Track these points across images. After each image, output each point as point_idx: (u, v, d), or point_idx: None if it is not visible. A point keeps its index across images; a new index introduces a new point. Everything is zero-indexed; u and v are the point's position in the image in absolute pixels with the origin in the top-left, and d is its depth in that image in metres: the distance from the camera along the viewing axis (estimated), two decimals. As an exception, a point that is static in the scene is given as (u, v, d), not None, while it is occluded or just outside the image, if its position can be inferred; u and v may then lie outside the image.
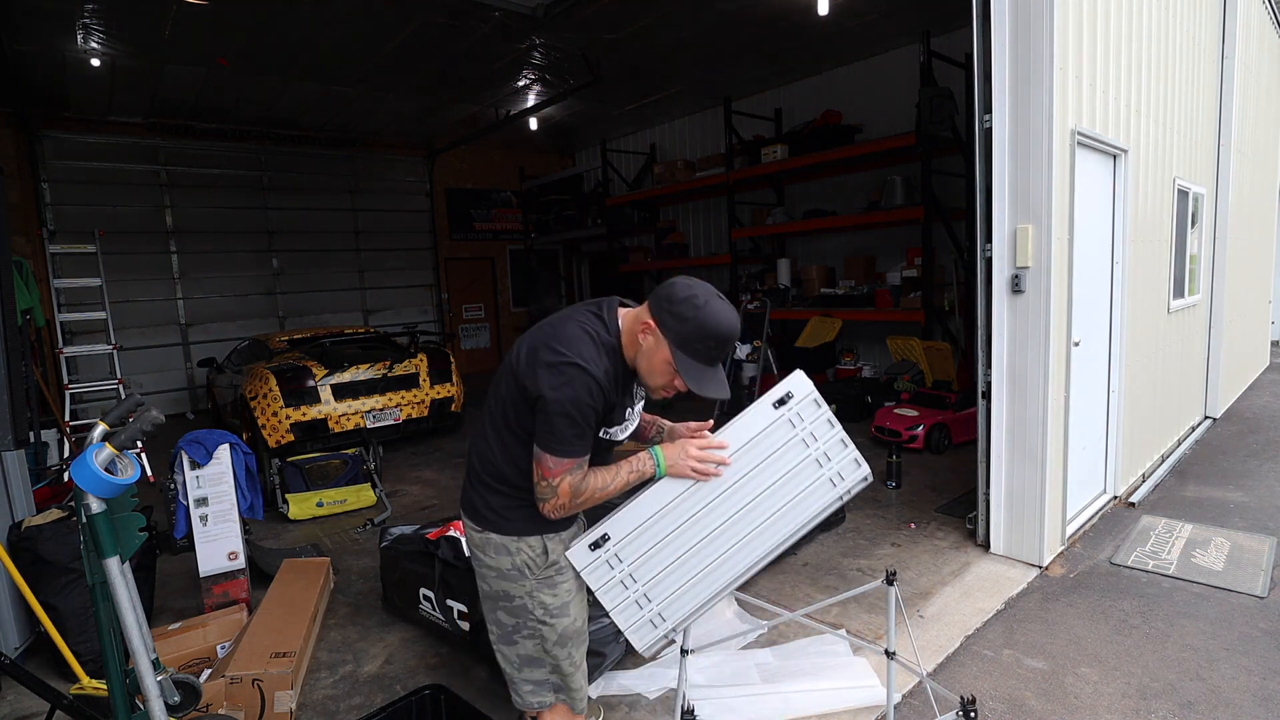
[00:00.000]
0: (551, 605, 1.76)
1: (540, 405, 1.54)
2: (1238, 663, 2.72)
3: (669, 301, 1.55)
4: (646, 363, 1.62)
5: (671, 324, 1.54)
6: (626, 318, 1.67)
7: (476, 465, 1.76)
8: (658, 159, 11.07)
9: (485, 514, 1.73)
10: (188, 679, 2.03)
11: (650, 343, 1.59)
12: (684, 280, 1.59)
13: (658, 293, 1.59)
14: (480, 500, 1.74)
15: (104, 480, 1.63)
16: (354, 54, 7.19)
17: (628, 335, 1.64)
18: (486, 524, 1.74)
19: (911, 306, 7.22)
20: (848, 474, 1.82)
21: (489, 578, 1.78)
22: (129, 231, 9.23)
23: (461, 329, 12.67)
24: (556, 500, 1.60)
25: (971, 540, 3.95)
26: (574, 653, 1.82)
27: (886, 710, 2.21)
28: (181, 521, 3.41)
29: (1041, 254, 3.42)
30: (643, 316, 1.60)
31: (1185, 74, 5.30)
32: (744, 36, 7.25)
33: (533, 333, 1.68)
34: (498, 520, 1.72)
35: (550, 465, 1.56)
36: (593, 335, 1.60)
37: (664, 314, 1.55)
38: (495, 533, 1.73)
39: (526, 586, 1.74)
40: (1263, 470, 5.01)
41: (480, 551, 1.77)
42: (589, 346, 1.57)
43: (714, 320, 1.54)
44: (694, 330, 1.53)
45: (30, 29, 6.15)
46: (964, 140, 6.47)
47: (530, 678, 1.82)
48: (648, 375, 1.64)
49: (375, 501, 5.19)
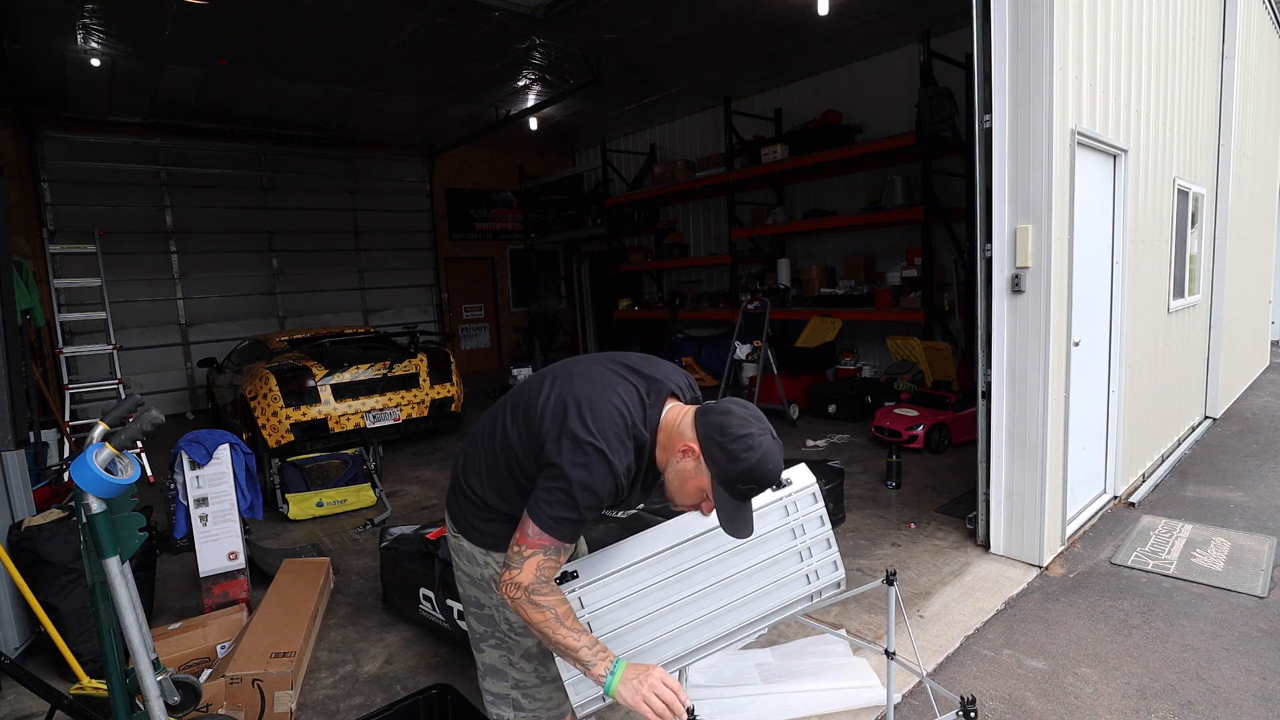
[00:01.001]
0: (516, 623, 1.68)
1: (550, 471, 1.43)
2: (1238, 663, 2.72)
3: (721, 434, 1.42)
4: (679, 482, 1.50)
5: (720, 459, 1.42)
6: (670, 417, 1.52)
7: (460, 476, 1.70)
8: (658, 159, 11.08)
9: (461, 520, 1.70)
10: (188, 679, 2.03)
11: (689, 466, 1.47)
12: (739, 413, 1.44)
13: (710, 419, 1.44)
14: (458, 506, 1.71)
15: (104, 480, 1.63)
16: (354, 54, 7.19)
17: (665, 438, 1.51)
18: (462, 530, 1.70)
19: (911, 306, 7.22)
20: (824, 574, 1.83)
21: (463, 581, 1.75)
22: (129, 231, 9.24)
23: (461, 329, 12.68)
24: (519, 574, 1.43)
25: (971, 540, 3.95)
26: (542, 669, 1.73)
27: (886, 710, 2.21)
28: (181, 521, 3.41)
29: (1041, 254, 3.42)
30: (687, 435, 1.46)
31: (1185, 74, 5.30)
32: (744, 36, 7.25)
33: (566, 383, 1.54)
34: (470, 529, 1.68)
35: (530, 534, 1.43)
36: (626, 424, 1.46)
37: (713, 446, 1.42)
38: (468, 540, 1.68)
39: (495, 599, 1.68)
40: (1263, 470, 5.01)
41: (456, 555, 1.75)
42: (617, 437, 1.45)
43: (764, 467, 1.41)
44: (742, 474, 1.41)
45: (30, 29, 6.15)
46: (964, 140, 6.47)
47: (492, 688, 1.76)
48: (676, 493, 1.53)
49: (375, 501, 5.19)
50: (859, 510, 4.53)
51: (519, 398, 1.62)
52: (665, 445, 1.50)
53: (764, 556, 1.78)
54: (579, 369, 1.58)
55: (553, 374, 1.60)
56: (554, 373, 1.60)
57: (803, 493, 1.78)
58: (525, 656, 1.72)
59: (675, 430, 1.49)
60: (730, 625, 1.78)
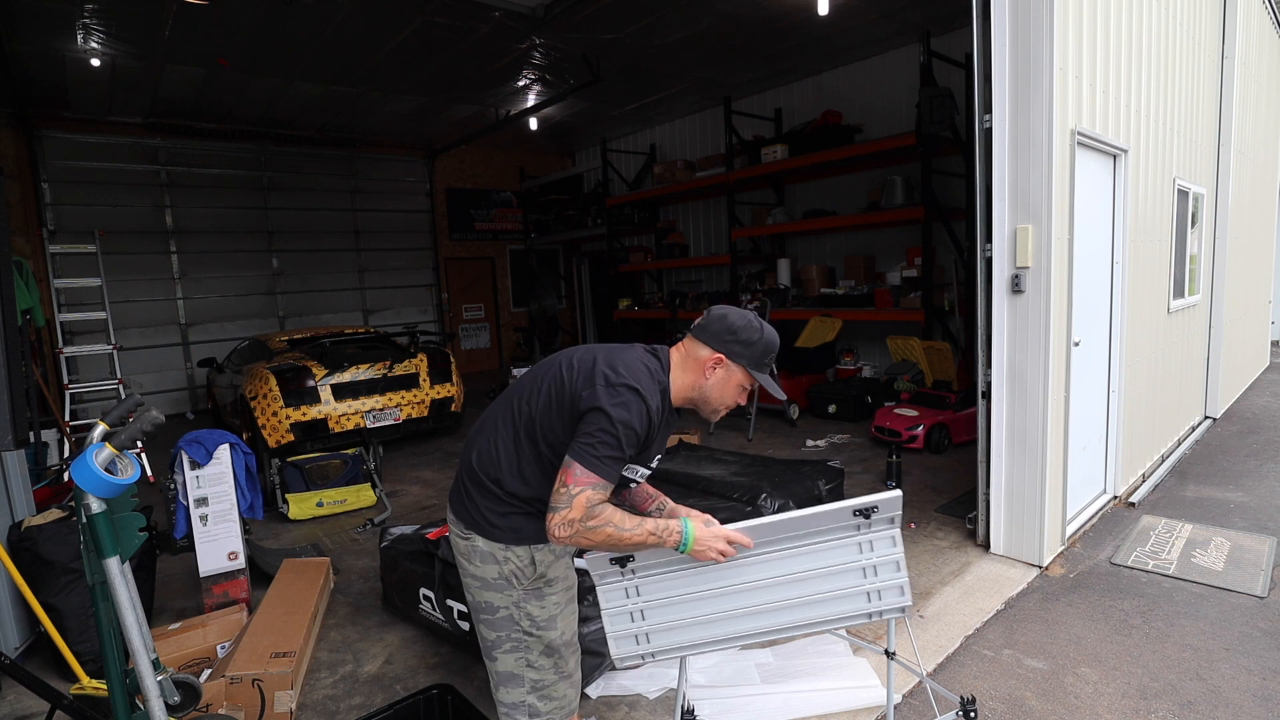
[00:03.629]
0: (539, 617, 1.72)
1: (590, 417, 1.55)
2: (1238, 663, 2.72)
3: (731, 333, 1.69)
4: (720, 390, 1.73)
5: (742, 351, 1.69)
6: (676, 357, 1.75)
7: (475, 466, 1.72)
8: (658, 159, 11.07)
9: (475, 517, 1.70)
10: (188, 679, 2.03)
11: (722, 374, 1.71)
12: (733, 311, 1.73)
13: (710, 328, 1.70)
14: (471, 503, 1.71)
15: (104, 480, 1.63)
16: (354, 54, 7.19)
17: (682, 372, 1.73)
18: (475, 528, 1.70)
19: (911, 306, 7.22)
20: (887, 596, 1.79)
21: (473, 588, 1.74)
22: (129, 231, 9.24)
23: (461, 329, 12.68)
24: (568, 513, 1.50)
25: (971, 540, 3.95)
26: (561, 662, 1.78)
27: (886, 710, 2.21)
28: (181, 521, 3.41)
29: (1041, 254, 3.42)
30: (704, 355, 1.70)
31: (1185, 74, 5.30)
32: (744, 36, 7.25)
33: (584, 351, 1.71)
34: (486, 526, 1.69)
35: (577, 474, 1.52)
36: (650, 370, 1.67)
37: (732, 344, 1.69)
38: (482, 538, 1.69)
39: (513, 597, 1.70)
40: (1263, 470, 5.01)
41: (466, 560, 1.74)
42: (647, 378, 1.63)
43: (772, 336, 1.73)
44: (764, 350, 1.71)
45: (30, 29, 6.15)
46: (964, 140, 6.47)
47: (506, 699, 1.75)
48: (719, 399, 1.75)
49: (375, 501, 5.19)
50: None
51: (531, 381, 1.74)
52: (689, 373, 1.72)
53: (827, 565, 1.77)
54: (585, 347, 1.77)
55: (563, 355, 1.75)
56: (562, 354, 1.76)
57: (880, 516, 1.74)
58: (544, 653, 1.74)
59: (690, 359, 1.72)
60: (779, 623, 1.80)
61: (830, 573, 1.78)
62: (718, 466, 4.22)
